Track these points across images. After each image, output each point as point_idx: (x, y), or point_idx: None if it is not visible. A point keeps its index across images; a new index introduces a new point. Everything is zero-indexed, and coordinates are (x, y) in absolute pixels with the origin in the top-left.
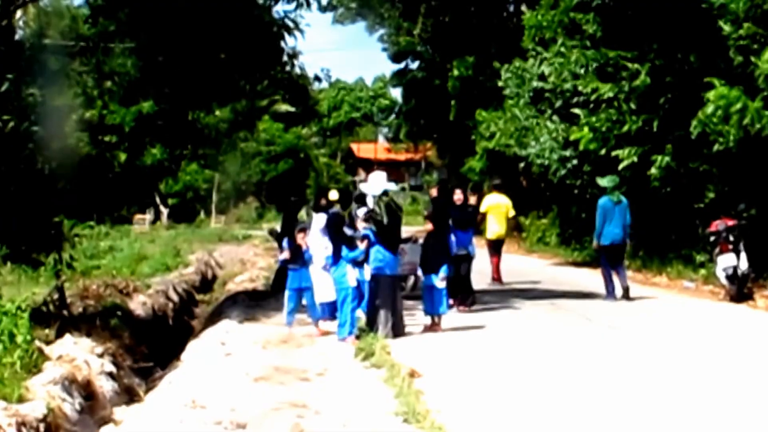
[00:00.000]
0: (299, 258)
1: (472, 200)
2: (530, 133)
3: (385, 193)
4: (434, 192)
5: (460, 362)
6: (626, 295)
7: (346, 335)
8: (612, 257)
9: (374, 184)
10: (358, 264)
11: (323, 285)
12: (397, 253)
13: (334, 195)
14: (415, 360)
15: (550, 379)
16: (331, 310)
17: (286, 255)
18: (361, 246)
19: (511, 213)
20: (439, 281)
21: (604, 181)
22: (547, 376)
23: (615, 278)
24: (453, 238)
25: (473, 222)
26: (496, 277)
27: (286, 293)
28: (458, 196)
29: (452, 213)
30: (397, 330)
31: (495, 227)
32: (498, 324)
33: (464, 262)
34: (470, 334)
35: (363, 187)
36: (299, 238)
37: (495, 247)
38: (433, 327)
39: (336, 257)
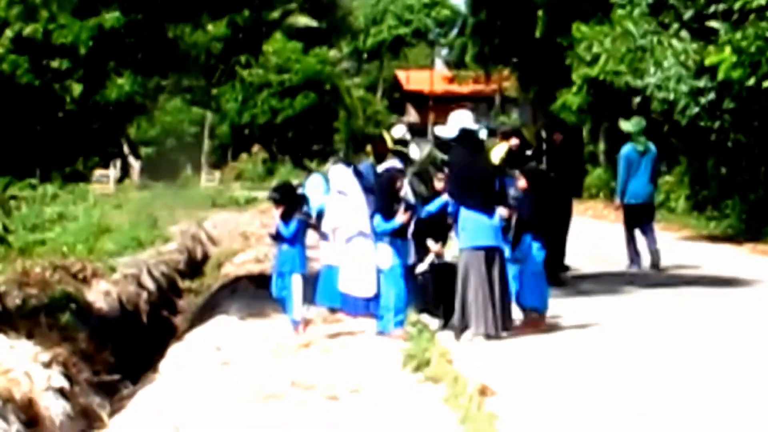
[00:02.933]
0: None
1: None
2: (649, 56)
3: (464, 133)
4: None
5: (548, 375)
6: (655, 264)
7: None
8: (637, 219)
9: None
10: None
11: (352, 271)
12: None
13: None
14: (486, 372)
15: (671, 402)
16: (365, 306)
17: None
18: (400, 218)
19: None
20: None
21: (627, 125)
22: (666, 397)
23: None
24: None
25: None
26: None
27: (273, 280)
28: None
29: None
30: (501, 324)
31: None
32: (603, 322)
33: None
34: (565, 336)
35: (438, 131)
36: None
37: None
38: (529, 326)
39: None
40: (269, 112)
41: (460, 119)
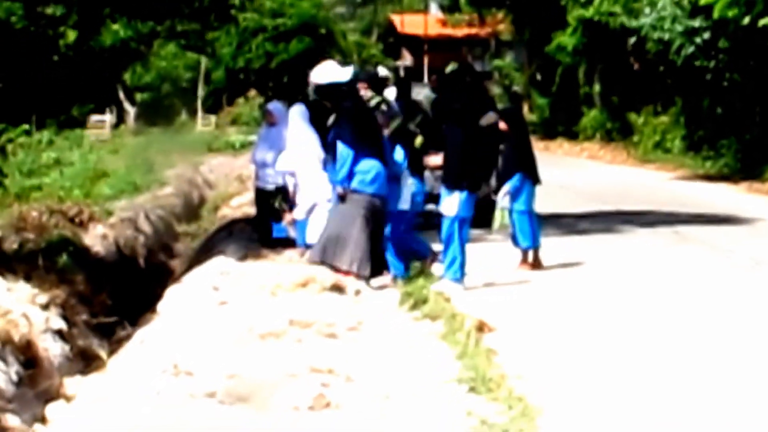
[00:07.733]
0: None
1: None
2: None
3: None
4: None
5: (546, 312)
6: None
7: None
8: None
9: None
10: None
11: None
12: None
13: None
14: (484, 309)
15: (671, 335)
16: None
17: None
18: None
19: None
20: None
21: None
22: (666, 330)
23: None
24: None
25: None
26: None
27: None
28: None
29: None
30: None
31: None
32: (600, 260)
33: None
34: (562, 274)
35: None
36: None
37: None
38: (525, 264)
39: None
40: (264, 57)
41: (329, 72)
